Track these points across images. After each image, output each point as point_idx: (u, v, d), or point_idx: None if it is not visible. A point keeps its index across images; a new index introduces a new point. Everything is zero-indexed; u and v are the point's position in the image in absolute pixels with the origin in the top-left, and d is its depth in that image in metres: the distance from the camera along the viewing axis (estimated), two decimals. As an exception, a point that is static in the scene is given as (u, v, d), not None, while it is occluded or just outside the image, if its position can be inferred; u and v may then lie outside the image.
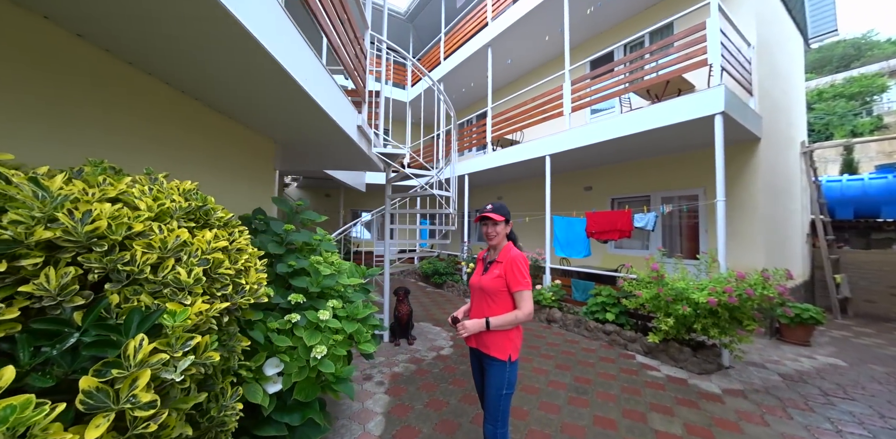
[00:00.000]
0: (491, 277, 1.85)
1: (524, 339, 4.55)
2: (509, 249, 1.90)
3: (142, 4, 1.30)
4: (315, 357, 1.92)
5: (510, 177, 8.86)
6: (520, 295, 1.76)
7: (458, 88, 10.75)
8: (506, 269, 1.81)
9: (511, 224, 1.96)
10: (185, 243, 1.00)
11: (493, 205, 1.93)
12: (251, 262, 1.33)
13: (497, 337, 1.82)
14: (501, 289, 1.82)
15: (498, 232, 1.89)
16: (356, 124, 3.38)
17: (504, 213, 1.90)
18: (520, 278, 1.77)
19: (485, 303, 1.85)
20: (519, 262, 1.82)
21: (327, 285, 2.21)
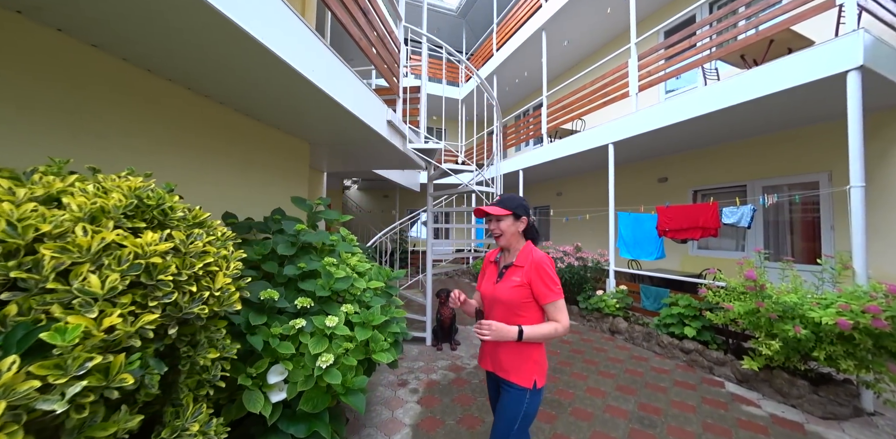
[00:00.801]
0: (510, 286, 1.50)
1: (579, 352, 4.01)
2: (530, 251, 1.54)
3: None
4: (319, 366, 1.78)
5: (569, 170, 8.09)
6: (554, 306, 1.44)
7: (512, 80, 10.21)
8: (530, 276, 1.46)
9: (525, 220, 1.57)
10: (109, 246, 0.88)
11: (502, 196, 1.59)
12: (219, 266, 1.20)
13: (519, 357, 1.48)
14: (526, 299, 1.48)
15: (503, 229, 1.55)
16: (386, 119, 3.24)
17: (511, 206, 1.54)
18: (551, 286, 1.44)
19: (506, 318, 1.50)
20: (546, 266, 1.47)
21: (339, 288, 2.07)
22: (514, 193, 1.66)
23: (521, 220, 1.56)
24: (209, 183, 2.32)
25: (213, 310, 1.19)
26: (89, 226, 0.90)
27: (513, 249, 1.60)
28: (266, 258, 2.08)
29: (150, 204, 1.07)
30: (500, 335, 1.39)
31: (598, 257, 5.31)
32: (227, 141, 2.48)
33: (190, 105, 2.19)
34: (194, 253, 1.12)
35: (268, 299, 1.80)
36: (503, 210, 1.53)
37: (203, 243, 1.16)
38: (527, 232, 1.61)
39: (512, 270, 1.53)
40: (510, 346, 1.48)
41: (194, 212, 1.27)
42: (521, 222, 1.56)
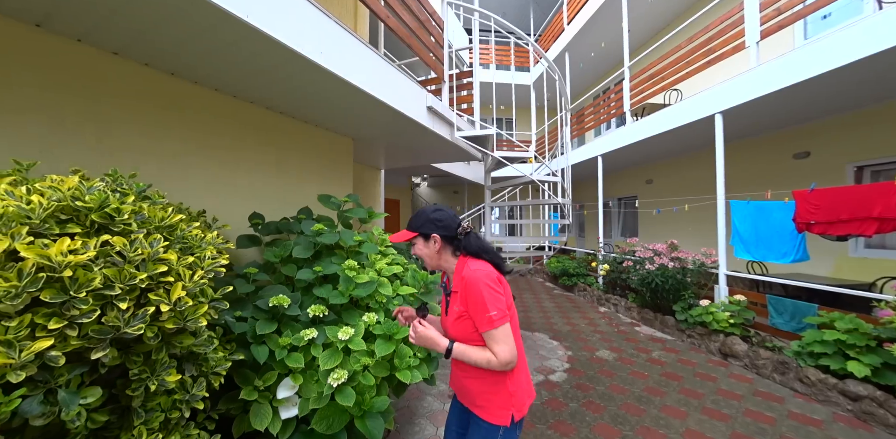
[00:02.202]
0: (454, 319, 1.20)
1: (675, 377, 3.18)
2: (461, 269, 1.22)
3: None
4: (330, 384, 1.57)
5: (661, 152, 6.78)
6: (488, 336, 1.12)
7: (586, 54, 9.02)
8: (466, 299, 1.15)
9: (438, 238, 1.25)
10: (17, 257, 0.73)
11: (411, 218, 1.31)
12: (180, 275, 1.03)
13: (489, 389, 1.19)
14: (474, 333, 1.15)
15: (419, 253, 1.29)
16: (425, 106, 2.94)
17: (415, 226, 1.27)
18: (481, 310, 1.11)
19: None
20: (476, 286, 1.13)
21: (359, 295, 1.84)
22: (429, 206, 1.34)
23: (433, 239, 1.25)
24: (242, 184, 2.32)
25: (177, 326, 1.02)
26: None
27: (449, 271, 1.30)
28: (286, 261, 1.96)
29: (87, 206, 0.93)
30: (424, 342, 1.18)
31: (703, 257, 4.23)
32: (259, 140, 2.47)
33: (217, 106, 2.19)
34: (138, 262, 0.95)
35: (279, 306, 1.65)
36: (408, 233, 1.28)
37: (155, 250, 0.99)
38: (458, 246, 1.27)
39: (453, 298, 1.23)
40: (477, 375, 1.21)
41: (161, 214, 1.13)
42: (434, 241, 1.25)
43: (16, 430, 0.82)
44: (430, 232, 1.23)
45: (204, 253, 1.20)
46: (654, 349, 3.94)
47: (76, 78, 1.59)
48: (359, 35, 2.14)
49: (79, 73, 1.60)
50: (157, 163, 1.86)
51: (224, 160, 2.21)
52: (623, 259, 5.25)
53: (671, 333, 4.33)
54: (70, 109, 1.57)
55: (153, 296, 0.96)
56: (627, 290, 5.73)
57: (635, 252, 4.97)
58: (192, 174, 2.03)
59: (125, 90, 1.76)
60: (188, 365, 1.20)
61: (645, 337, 4.36)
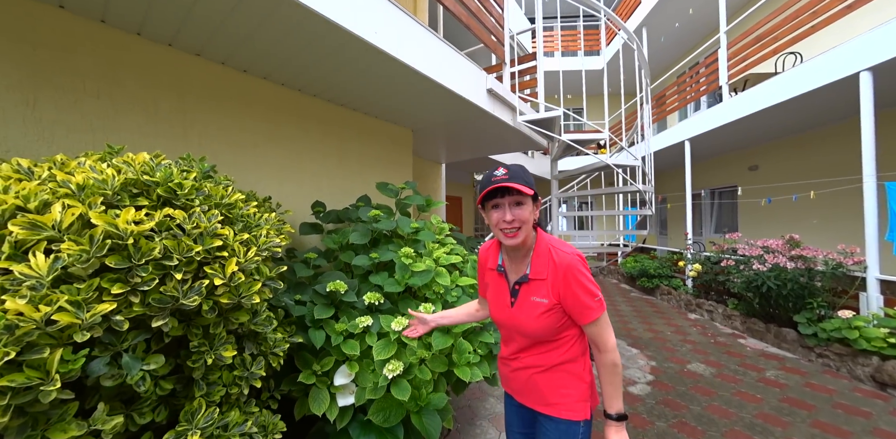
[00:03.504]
0: (536, 313, 1.01)
1: (804, 405, 2.54)
2: (547, 249, 1.02)
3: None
4: (385, 376, 1.50)
5: (770, 132, 5.64)
6: (597, 325, 0.99)
7: (669, 26, 7.95)
8: (561, 290, 0.98)
9: (539, 204, 1.06)
10: (89, 225, 0.77)
11: (510, 168, 0.99)
12: (234, 251, 1.03)
13: (563, 381, 1.05)
14: (560, 324, 1.01)
15: (525, 219, 0.99)
16: (485, 88, 2.78)
17: (530, 182, 0.99)
18: (586, 295, 0.97)
19: (539, 355, 1.07)
20: (580, 268, 0.98)
21: (415, 284, 1.76)
22: (519, 165, 1.05)
23: (538, 204, 1.05)
24: (306, 174, 2.42)
25: (232, 302, 1.02)
26: (71, 201, 0.81)
27: (523, 249, 1.07)
28: (344, 248, 1.96)
29: (154, 180, 0.97)
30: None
31: (840, 257, 3.36)
32: (322, 132, 2.55)
33: (283, 100, 2.30)
34: (195, 235, 0.96)
35: (336, 292, 1.64)
36: (526, 187, 0.96)
37: (212, 225, 1.00)
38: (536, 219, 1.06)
39: (531, 287, 1.04)
40: (553, 367, 1.06)
41: (222, 191, 1.15)
42: (537, 208, 1.05)
43: (93, 389, 0.86)
44: (539, 195, 1.02)
45: (260, 231, 1.20)
46: (768, 367, 3.24)
47: (166, 77, 1.77)
48: (417, 18, 2.07)
49: (169, 72, 1.78)
50: (232, 153, 2.00)
51: (290, 151, 2.32)
52: (721, 258, 4.46)
53: (791, 349, 3.53)
54: (163, 105, 1.75)
55: (209, 269, 0.96)
56: (726, 295, 4.87)
57: (736, 249, 4.18)
58: (263, 164, 2.16)
59: (205, 87, 1.92)
60: (248, 344, 1.22)
61: (753, 353, 3.62)
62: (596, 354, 1.03)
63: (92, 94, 1.53)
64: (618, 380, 1.00)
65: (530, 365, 1.08)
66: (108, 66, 1.58)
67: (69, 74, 1.48)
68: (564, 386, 1.04)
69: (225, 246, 1.04)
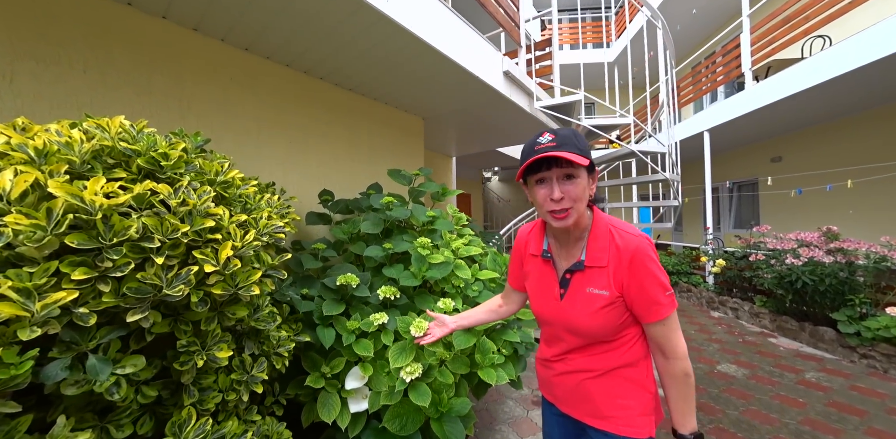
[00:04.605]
0: (594, 308, 0.83)
1: (853, 410, 2.33)
2: (607, 230, 0.84)
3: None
4: (402, 379, 1.34)
5: (796, 120, 5.37)
6: (666, 324, 0.81)
7: (685, 14, 7.69)
8: (625, 280, 0.80)
9: (597, 175, 0.87)
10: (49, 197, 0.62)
11: (558, 133, 0.79)
12: (230, 234, 0.87)
13: (623, 390, 0.87)
14: (620, 321, 0.84)
15: (577, 197, 0.79)
16: (502, 70, 2.60)
17: (586, 149, 0.79)
18: (657, 288, 0.79)
19: (591, 357, 0.89)
20: (650, 253, 0.80)
21: (433, 277, 1.59)
22: (570, 129, 0.83)
23: (595, 175, 0.85)
24: (313, 163, 2.27)
25: (227, 293, 0.87)
26: (27, 168, 0.66)
27: (576, 231, 0.88)
28: (355, 239, 1.81)
29: (133, 149, 0.81)
30: None
31: (884, 249, 3.11)
32: (330, 119, 2.40)
33: (288, 83, 2.16)
34: (183, 214, 0.80)
35: (347, 286, 1.48)
36: (579, 156, 0.76)
37: (203, 202, 0.85)
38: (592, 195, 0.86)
39: (586, 277, 0.85)
40: (609, 372, 0.88)
41: (217, 167, 1.00)
42: (594, 180, 0.84)
43: (57, 398, 0.71)
44: (595, 165, 0.83)
45: (261, 213, 1.05)
46: (807, 369, 3.02)
47: (161, 53, 1.63)
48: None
49: (163, 48, 1.63)
50: (233, 138, 1.86)
51: (295, 138, 2.17)
52: (747, 253, 4.22)
53: (829, 349, 3.30)
54: (157, 84, 1.61)
55: (198, 254, 0.80)
56: (752, 292, 4.62)
57: (762, 243, 3.94)
58: (266, 150, 2.01)
59: (204, 66, 1.77)
60: (248, 343, 1.07)
61: (787, 353, 3.39)
62: (660, 361, 0.85)
63: (78, 67, 1.39)
64: (690, 393, 0.82)
65: (581, 369, 0.91)
66: (97, 39, 1.44)
67: (53, 45, 1.34)
68: (623, 396, 0.87)
69: (218, 228, 0.88)
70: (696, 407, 2.47)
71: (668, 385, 0.84)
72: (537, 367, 1.08)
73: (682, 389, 0.82)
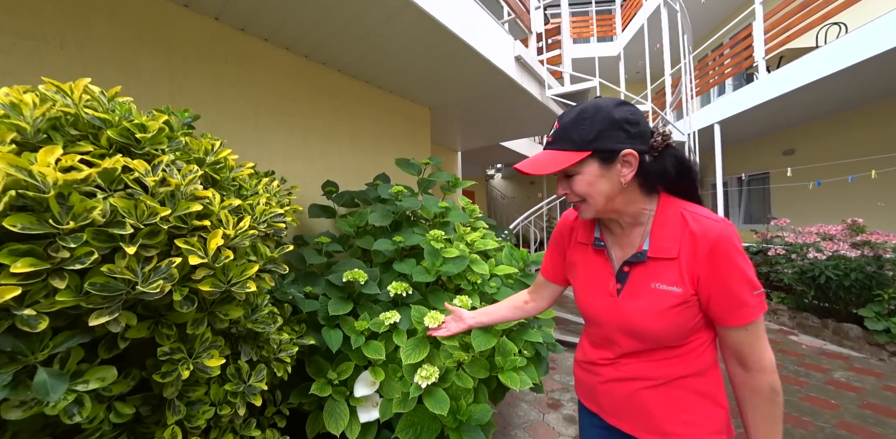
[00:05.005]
0: (660, 305, 0.69)
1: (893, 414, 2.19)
2: (680, 213, 0.70)
3: None
4: (418, 384, 1.20)
5: (810, 112, 5.21)
6: (748, 333, 0.67)
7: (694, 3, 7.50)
8: (706, 273, 0.66)
9: (633, 157, 0.67)
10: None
11: (562, 121, 0.70)
12: (220, 221, 0.73)
13: (688, 403, 0.73)
14: (694, 325, 0.70)
15: (584, 192, 0.71)
16: (513, 56, 2.46)
17: (584, 135, 0.66)
18: (749, 289, 0.65)
19: (651, 363, 0.75)
20: (735, 242, 0.66)
21: (448, 272, 1.45)
22: (603, 99, 0.70)
23: (626, 160, 0.68)
24: (315, 153, 2.13)
25: (217, 290, 0.73)
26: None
27: (629, 220, 0.75)
28: (362, 233, 1.67)
29: (103, 118, 0.67)
30: None
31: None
32: (333, 107, 2.26)
33: (288, 67, 2.02)
34: (163, 196, 0.66)
35: (354, 282, 1.34)
36: (565, 155, 0.68)
37: (189, 182, 0.71)
38: (653, 173, 0.70)
39: (650, 270, 0.72)
40: (670, 384, 0.74)
41: (206, 144, 0.86)
42: (629, 162, 0.68)
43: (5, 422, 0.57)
44: (617, 145, 0.66)
45: (257, 200, 0.91)
46: (834, 368, 2.88)
47: (148, 31, 1.48)
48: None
49: (151, 25, 1.49)
50: (230, 124, 1.72)
51: (296, 125, 2.03)
52: (763, 248, 4.08)
53: (856, 347, 3.16)
54: (145, 64, 1.47)
55: (182, 244, 0.67)
56: (768, 288, 4.48)
57: (779, 237, 3.80)
58: (266, 138, 1.88)
59: (197, 46, 1.63)
60: (245, 348, 0.93)
61: (810, 351, 3.25)
62: (737, 373, 0.70)
63: (54, 43, 1.25)
64: (777, 414, 0.68)
65: (637, 377, 0.77)
66: (75, 12, 1.30)
67: (26, 17, 1.20)
68: (689, 410, 0.73)
69: (207, 213, 0.74)
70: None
71: (747, 402, 0.70)
72: (577, 371, 0.94)
73: (767, 409, 0.67)
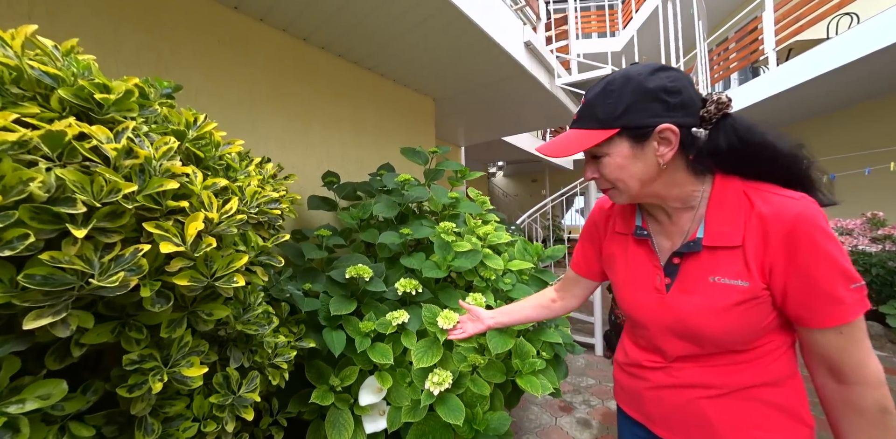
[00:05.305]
0: (724, 301, 0.57)
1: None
2: (742, 192, 0.58)
3: None
4: (429, 391, 1.08)
5: (814, 106, 5.09)
6: (842, 336, 0.53)
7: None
8: (783, 263, 0.53)
9: (673, 132, 0.55)
10: None
11: (587, 96, 0.61)
12: (202, 203, 0.61)
13: (763, 418, 0.60)
14: (766, 325, 0.57)
15: (614, 177, 0.61)
16: (522, 41, 2.33)
17: (611, 110, 0.56)
18: (844, 281, 0.50)
19: (707, 367, 0.63)
20: (821, 223, 0.51)
21: (461, 267, 1.33)
22: (637, 65, 0.59)
23: (664, 136, 0.57)
24: (315, 142, 2.00)
25: (198, 285, 0.61)
26: None
27: (676, 205, 0.64)
28: (365, 226, 1.55)
29: (53, 73, 0.55)
30: None
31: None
32: (333, 95, 2.13)
33: (285, 50, 1.89)
34: (127, 170, 0.54)
35: (358, 278, 1.22)
36: (590, 128, 0.59)
37: (164, 155, 0.59)
38: (703, 149, 0.59)
39: (706, 261, 0.60)
40: (738, 394, 0.62)
41: (187, 116, 0.73)
42: (667, 139, 0.57)
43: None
44: (650, 120, 0.56)
45: (248, 181, 0.78)
46: (857, 367, 2.76)
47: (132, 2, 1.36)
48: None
49: None
50: (222, 108, 1.59)
51: (295, 113, 1.90)
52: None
53: (877, 346, 3.04)
54: (127, 39, 1.34)
55: (152, 226, 0.54)
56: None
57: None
58: (261, 125, 1.75)
59: (185, 23, 1.51)
60: (235, 353, 0.80)
61: (830, 350, 3.13)
62: (830, 386, 0.57)
63: (21, 10, 1.12)
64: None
65: (695, 384, 0.65)
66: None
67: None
68: (761, 426, 0.60)
69: (187, 195, 0.62)
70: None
71: (844, 423, 0.56)
72: (618, 375, 0.82)
73: (873, 433, 0.54)
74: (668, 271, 0.64)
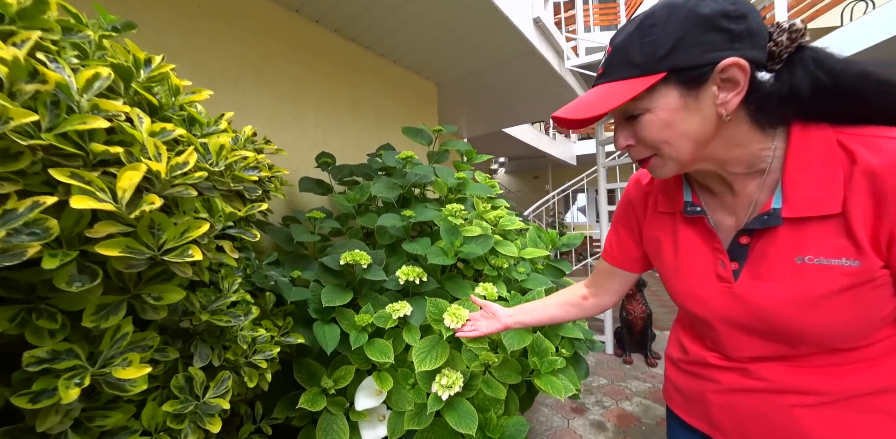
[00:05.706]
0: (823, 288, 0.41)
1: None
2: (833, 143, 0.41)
3: None
4: (437, 395, 0.93)
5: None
6: None
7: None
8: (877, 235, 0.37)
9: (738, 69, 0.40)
10: None
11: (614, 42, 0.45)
12: (141, 151, 0.46)
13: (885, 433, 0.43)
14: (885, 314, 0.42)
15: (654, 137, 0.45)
16: (531, 18, 2.18)
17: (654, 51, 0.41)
18: None
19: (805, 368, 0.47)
20: None
21: (470, 254, 1.18)
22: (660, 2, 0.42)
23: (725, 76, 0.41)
24: (309, 123, 1.85)
25: (135, 259, 0.46)
26: None
27: (739, 170, 0.49)
28: (363, 211, 1.40)
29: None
30: None
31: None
32: (329, 74, 1.98)
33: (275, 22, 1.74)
34: (27, 96, 0.39)
35: (354, 266, 1.07)
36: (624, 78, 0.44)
37: (86, 80, 0.43)
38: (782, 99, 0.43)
39: (791, 235, 0.44)
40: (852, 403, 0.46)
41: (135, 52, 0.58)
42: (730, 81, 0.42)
43: None
44: (709, 55, 0.41)
45: (215, 138, 0.63)
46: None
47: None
48: None
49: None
50: (207, 82, 1.44)
51: (287, 90, 1.75)
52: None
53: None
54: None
55: (63, 174, 0.39)
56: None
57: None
58: (250, 102, 1.60)
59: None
60: (202, 348, 0.65)
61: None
62: None
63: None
64: None
65: (786, 389, 0.50)
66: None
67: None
68: None
69: (127, 142, 0.47)
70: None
71: None
72: (672, 374, 0.67)
73: None
74: (734, 254, 0.50)
